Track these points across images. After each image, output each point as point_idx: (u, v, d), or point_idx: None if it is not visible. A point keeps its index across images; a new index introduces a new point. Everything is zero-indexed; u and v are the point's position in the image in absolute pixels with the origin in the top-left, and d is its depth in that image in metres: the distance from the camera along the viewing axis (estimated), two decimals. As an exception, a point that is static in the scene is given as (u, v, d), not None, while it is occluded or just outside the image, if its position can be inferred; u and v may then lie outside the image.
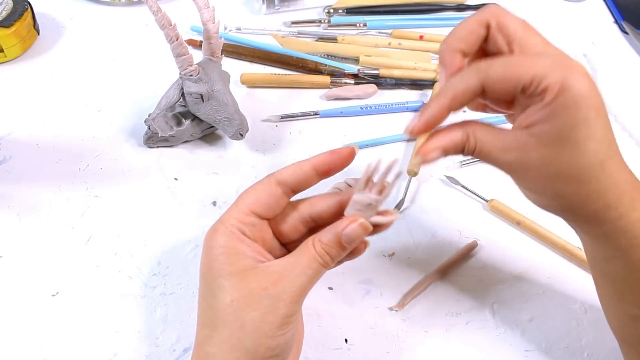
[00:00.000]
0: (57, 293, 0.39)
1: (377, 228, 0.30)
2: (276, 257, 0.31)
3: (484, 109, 0.34)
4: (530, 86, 0.27)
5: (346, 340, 0.38)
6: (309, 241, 0.30)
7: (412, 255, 0.43)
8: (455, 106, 0.29)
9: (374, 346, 0.38)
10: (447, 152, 0.30)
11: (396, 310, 0.40)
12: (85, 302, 0.38)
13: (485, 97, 0.29)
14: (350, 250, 0.30)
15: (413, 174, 0.47)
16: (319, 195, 0.34)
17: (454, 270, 0.42)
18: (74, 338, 0.37)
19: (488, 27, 0.31)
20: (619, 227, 0.29)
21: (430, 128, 0.30)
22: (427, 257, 0.43)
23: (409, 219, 0.45)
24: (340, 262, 0.32)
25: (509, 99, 0.30)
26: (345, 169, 0.32)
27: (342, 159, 0.32)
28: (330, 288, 0.41)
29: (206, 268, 0.30)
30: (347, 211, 0.30)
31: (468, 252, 0.43)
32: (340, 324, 0.39)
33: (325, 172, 0.32)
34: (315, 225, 0.33)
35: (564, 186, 0.29)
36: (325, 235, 0.30)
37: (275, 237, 0.33)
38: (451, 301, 0.41)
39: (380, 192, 0.29)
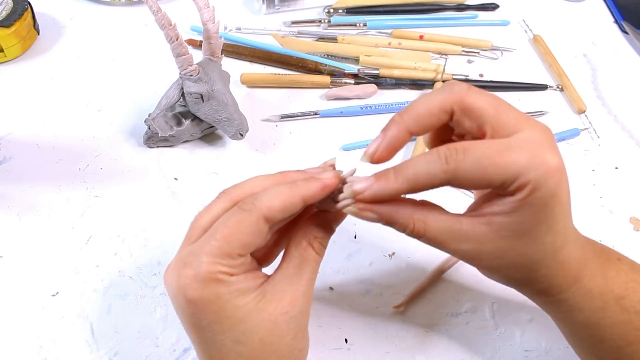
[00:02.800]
0: (57, 293, 0.39)
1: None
2: (253, 268, 0.29)
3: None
4: (501, 186, 0.26)
5: (346, 340, 0.38)
6: (302, 242, 0.29)
7: (412, 255, 0.43)
8: (414, 191, 0.28)
9: (374, 346, 0.38)
10: (386, 222, 0.29)
11: (396, 310, 0.40)
12: (85, 302, 0.38)
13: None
14: (335, 229, 0.31)
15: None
16: (272, 195, 0.30)
17: (454, 270, 0.42)
18: (74, 338, 0.37)
19: (452, 113, 0.28)
20: (560, 299, 0.30)
21: (381, 200, 0.28)
22: (427, 257, 0.43)
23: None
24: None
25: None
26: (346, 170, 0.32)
27: (329, 190, 0.29)
28: (330, 288, 0.41)
29: (207, 324, 0.27)
30: (319, 205, 0.30)
31: (468, 252, 0.43)
32: (340, 324, 0.39)
33: (311, 204, 0.30)
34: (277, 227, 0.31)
35: (514, 273, 0.29)
36: (318, 231, 0.30)
37: None
38: (451, 301, 0.41)
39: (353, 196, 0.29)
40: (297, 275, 0.29)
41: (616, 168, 0.52)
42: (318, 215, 0.30)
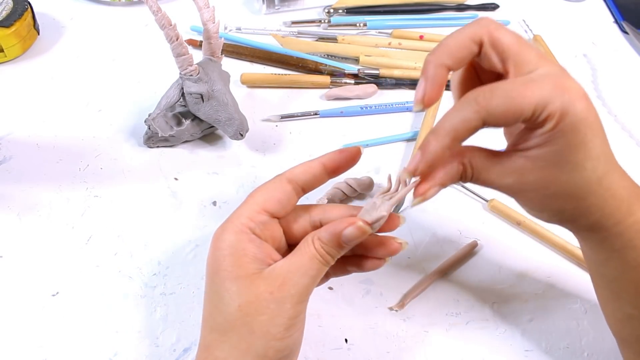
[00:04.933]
0: (57, 293, 0.39)
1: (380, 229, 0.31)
2: (284, 256, 0.31)
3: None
4: (532, 117, 0.27)
5: (346, 340, 0.38)
6: (309, 238, 0.30)
7: (412, 255, 0.43)
8: (456, 144, 0.29)
9: (374, 346, 0.38)
10: (445, 185, 0.30)
11: (396, 310, 0.40)
12: (85, 302, 0.38)
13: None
14: (348, 249, 0.30)
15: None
16: (332, 205, 0.34)
17: (454, 270, 0.42)
18: (74, 338, 0.37)
19: (481, 44, 0.29)
20: (615, 232, 0.30)
21: (432, 167, 0.29)
22: (427, 257, 0.43)
23: (409, 219, 0.45)
24: (358, 268, 0.33)
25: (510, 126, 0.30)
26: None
27: (350, 158, 0.32)
28: (330, 288, 0.41)
29: (213, 269, 0.30)
30: (361, 214, 0.30)
31: (468, 252, 0.43)
32: (340, 324, 0.39)
33: (334, 171, 0.32)
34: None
35: (563, 204, 0.29)
36: (325, 234, 0.30)
37: (284, 236, 0.33)
38: (451, 301, 0.41)
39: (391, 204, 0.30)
40: (295, 266, 0.30)
41: (616, 168, 0.52)
42: (332, 224, 0.30)
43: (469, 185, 0.47)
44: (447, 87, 0.58)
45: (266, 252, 0.30)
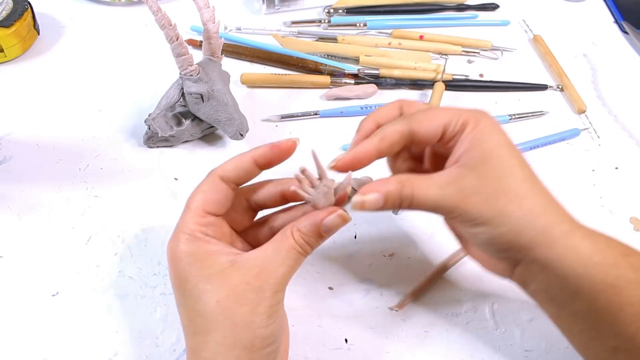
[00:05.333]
0: (57, 293, 0.39)
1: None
2: (239, 248, 0.32)
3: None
4: (450, 124, 0.31)
5: (346, 340, 0.38)
6: (287, 230, 0.31)
7: (412, 255, 0.43)
8: (384, 147, 0.32)
9: (374, 346, 0.38)
10: (386, 201, 0.31)
11: (396, 310, 0.40)
12: (85, 302, 0.38)
13: (410, 148, 0.34)
14: (327, 239, 0.31)
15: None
16: (259, 182, 0.35)
17: (454, 270, 0.42)
18: (74, 338, 0.37)
19: (401, 110, 0.35)
20: (570, 247, 0.30)
21: (357, 165, 0.32)
22: (427, 257, 0.43)
23: (409, 218, 0.45)
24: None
25: (432, 141, 0.32)
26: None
27: (282, 152, 0.33)
28: (330, 288, 0.41)
29: (180, 279, 0.30)
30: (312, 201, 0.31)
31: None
32: (340, 324, 0.39)
33: (265, 165, 0.33)
34: (260, 209, 0.35)
35: (506, 203, 0.30)
36: (304, 225, 0.30)
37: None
38: (451, 301, 0.41)
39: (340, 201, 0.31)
40: (271, 256, 0.30)
41: (616, 168, 0.52)
42: (310, 214, 0.31)
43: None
44: (448, 88, 0.58)
45: (226, 247, 0.31)
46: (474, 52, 0.62)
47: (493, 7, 0.69)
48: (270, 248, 0.30)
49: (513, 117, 0.54)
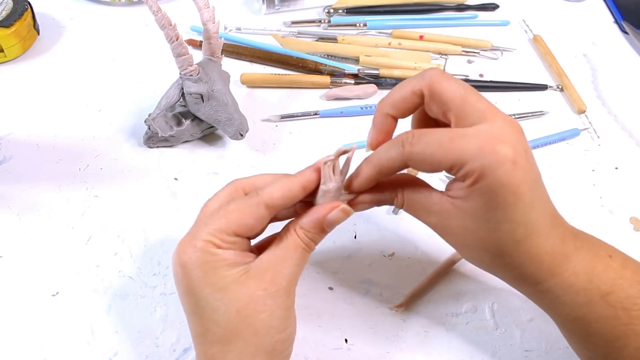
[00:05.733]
0: (57, 293, 0.39)
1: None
2: (247, 251, 0.31)
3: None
4: (450, 170, 0.28)
5: (346, 340, 0.38)
6: (290, 228, 0.31)
7: (412, 255, 0.43)
8: (383, 176, 0.31)
9: (374, 346, 0.38)
10: (377, 204, 0.33)
11: (396, 310, 0.40)
12: (85, 302, 0.38)
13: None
14: (330, 232, 0.32)
15: (413, 173, 0.47)
16: (274, 185, 0.31)
17: (454, 270, 0.42)
18: (74, 338, 0.37)
19: (422, 96, 0.30)
20: (540, 290, 0.30)
21: (363, 191, 0.32)
22: (427, 257, 0.43)
23: (409, 219, 0.45)
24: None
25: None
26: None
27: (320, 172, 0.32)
28: (330, 288, 0.41)
29: (193, 287, 0.29)
30: (318, 200, 0.32)
31: (468, 252, 0.43)
32: (340, 324, 0.39)
33: (313, 191, 0.32)
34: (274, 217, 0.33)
35: (482, 254, 0.30)
36: (307, 222, 0.31)
37: None
38: (451, 301, 0.41)
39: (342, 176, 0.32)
40: (280, 258, 0.30)
41: (616, 168, 0.52)
42: (311, 210, 0.31)
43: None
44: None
45: (239, 255, 0.30)
46: (474, 52, 0.62)
47: (493, 7, 0.69)
48: (277, 250, 0.30)
49: (513, 117, 0.54)
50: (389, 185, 0.32)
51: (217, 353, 0.29)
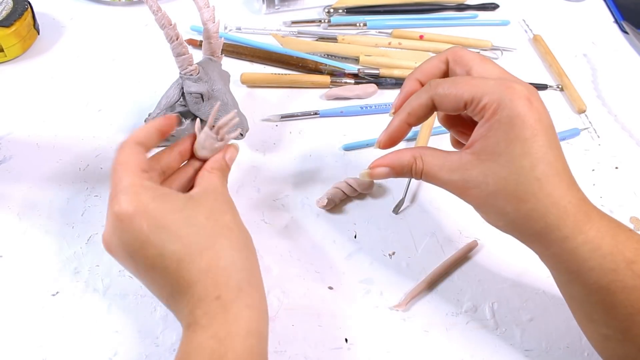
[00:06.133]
0: (57, 293, 0.39)
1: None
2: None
3: (450, 122, 0.38)
4: (471, 104, 0.31)
5: (346, 340, 0.38)
6: (204, 172, 0.35)
7: (412, 255, 0.43)
8: (412, 120, 0.34)
9: (374, 346, 0.38)
10: (395, 170, 0.35)
11: (397, 310, 0.40)
12: (85, 302, 0.38)
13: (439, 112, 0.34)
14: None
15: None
16: (160, 151, 0.36)
17: (454, 270, 0.42)
18: (74, 338, 0.37)
19: (447, 62, 0.35)
20: (567, 250, 0.30)
21: (394, 141, 0.36)
22: (427, 257, 0.43)
23: (409, 218, 0.45)
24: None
25: (457, 112, 0.33)
26: (346, 170, 0.33)
27: (168, 121, 0.35)
28: (330, 288, 0.41)
29: (157, 217, 0.30)
30: (200, 151, 0.37)
31: (468, 252, 0.43)
32: (340, 324, 0.39)
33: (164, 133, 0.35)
34: (165, 177, 0.36)
35: (504, 204, 0.30)
36: (214, 163, 0.36)
37: None
38: (451, 301, 0.41)
39: (222, 138, 0.37)
40: (211, 186, 0.34)
41: (616, 168, 0.52)
42: (214, 158, 0.36)
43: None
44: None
45: (171, 189, 0.33)
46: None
47: (493, 7, 0.69)
48: (204, 183, 0.34)
49: (513, 117, 0.54)
50: (408, 153, 0.34)
51: (210, 260, 0.30)
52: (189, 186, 0.36)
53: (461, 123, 0.37)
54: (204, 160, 0.37)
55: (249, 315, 0.30)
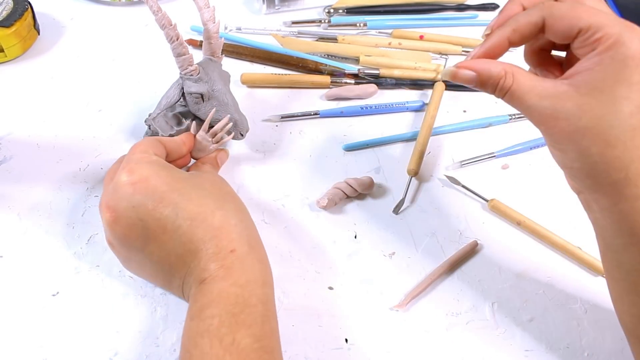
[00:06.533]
0: (57, 293, 0.39)
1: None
2: None
3: (537, 60, 0.34)
4: (587, 31, 0.28)
5: (346, 340, 0.38)
6: (199, 167, 0.43)
7: (412, 255, 0.43)
8: (516, 38, 0.31)
9: (374, 346, 0.38)
10: (481, 78, 0.31)
11: (397, 310, 0.40)
12: (85, 302, 0.38)
13: (541, 38, 0.31)
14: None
15: (413, 173, 0.47)
16: (165, 138, 0.41)
17: (454, 270, 0.42)
18: (74, 338, 0.37)
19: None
20: (637, 208, 0.28)
21: (491, 56, 0.32)
22: (427, 257, 0.43)
23: (409, 219, 0.45)
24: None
25: (565, 41, 0.30)
26: (346, 170, 0.33)
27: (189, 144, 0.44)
28: (330, 288, 0.41)
29: (169, 182, 0.34)
30: (195, 152, 0.44)
31: (468, 252, 0.43)
32: (340, 324, 0.39)
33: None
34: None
35: (590, 144, 0.28)
36: (204, 160, 0.43)
37: None
38: (451, 301, 0.41)
39: (216, 141, 0.44)
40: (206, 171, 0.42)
41: (616, 168, 0.52)
42: (205, 158, 0.44)
43: (469, 185, 0.47)
44: (448, 87, 0.58)
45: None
46: (474, 52, 0.62)
47: (493, 7, 0.69)
48: (198, 169, 0.42)
49: (513, 117, 0.54)
50: (500, 65, 0.31)
51: (222, 220, 0.34)
52: None
53: (549, 61, 0.34)
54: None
55: (261, 269, 0.34)
